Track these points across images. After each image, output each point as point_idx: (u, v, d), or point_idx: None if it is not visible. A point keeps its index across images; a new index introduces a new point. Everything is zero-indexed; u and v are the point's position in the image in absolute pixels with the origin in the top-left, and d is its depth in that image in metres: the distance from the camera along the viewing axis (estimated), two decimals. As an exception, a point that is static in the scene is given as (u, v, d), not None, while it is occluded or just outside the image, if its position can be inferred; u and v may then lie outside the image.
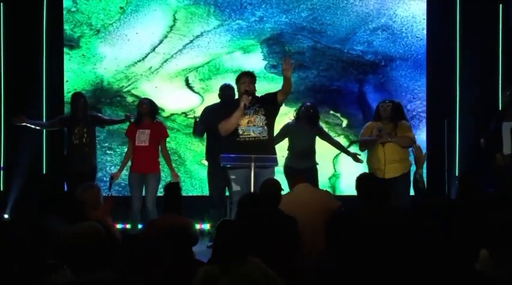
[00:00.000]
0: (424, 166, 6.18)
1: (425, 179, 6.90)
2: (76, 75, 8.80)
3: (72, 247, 3.97)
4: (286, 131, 7.74)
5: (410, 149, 7.07)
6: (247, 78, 6.55)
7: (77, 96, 7.77)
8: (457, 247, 4.82)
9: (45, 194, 5.50)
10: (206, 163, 7.91)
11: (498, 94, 8.62)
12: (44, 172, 8.68)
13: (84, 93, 8.03)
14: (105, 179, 8.21)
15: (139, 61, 8.85)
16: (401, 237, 4.61)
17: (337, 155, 8.81)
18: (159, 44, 8.85)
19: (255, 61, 8.87)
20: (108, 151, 8.78)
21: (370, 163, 7.35)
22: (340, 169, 8.91)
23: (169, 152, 7.80)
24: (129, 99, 8.85)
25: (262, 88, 8.65)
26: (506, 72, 8.82)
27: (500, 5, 8.86)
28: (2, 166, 8.69)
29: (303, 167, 7.53)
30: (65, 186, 7.87)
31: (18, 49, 8.63)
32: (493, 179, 7.42)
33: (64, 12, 8.79)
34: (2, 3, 8.70)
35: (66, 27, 8.78)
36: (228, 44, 8.89)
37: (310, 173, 7.57)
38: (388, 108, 7.30)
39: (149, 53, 8.85)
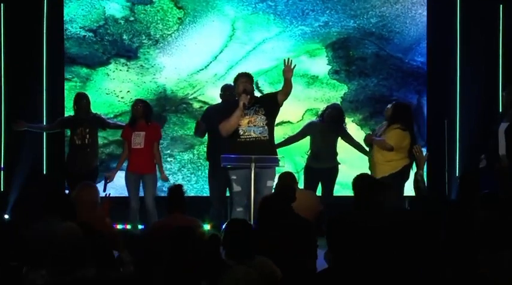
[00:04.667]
0: (425, 166, 6.19)
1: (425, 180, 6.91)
2: (136, 85, 8.81)
3: (45, 248, 3.95)
4: (308, 129, 7.77)
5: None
6: (244, 78, 6.56)
7: (79, 96, 7.78)
8: (456, 247, 4.82)
9: (45, 195, 5.49)
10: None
11: (498, 94, 8.61)
12: (44, 173, 8.67)
13: (148, 101, 7.93)
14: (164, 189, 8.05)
15: (201, 69, 8.86)
16: (400, 238, 4.61)
17: None
18: (220, 53, 8.87)
19: (320, 65, 8.90)
20: (168, 159, 8.72)
21: None
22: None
23: None
24: (196, 105, 8.87)
25: (323, 96, 8.85)
26: (506, 72, 8.81)
27: (501, 5, 8.86)
28: (2, 166, 8.68)
29: (322, 167, 7.57)
30: (66, 186, 7.88)
31: (18, 49, 8.61)
32: (493, 180, 7.41)
33: (122, 21, 8.82)
34: (2, 4, 8.69)
35: (124, 37, 8.83)
36: (293, 49, 8.88)
37: (330, 173, 7.62)
38: (388, 109, 7.33)
39: (211, 61, 8.87)
